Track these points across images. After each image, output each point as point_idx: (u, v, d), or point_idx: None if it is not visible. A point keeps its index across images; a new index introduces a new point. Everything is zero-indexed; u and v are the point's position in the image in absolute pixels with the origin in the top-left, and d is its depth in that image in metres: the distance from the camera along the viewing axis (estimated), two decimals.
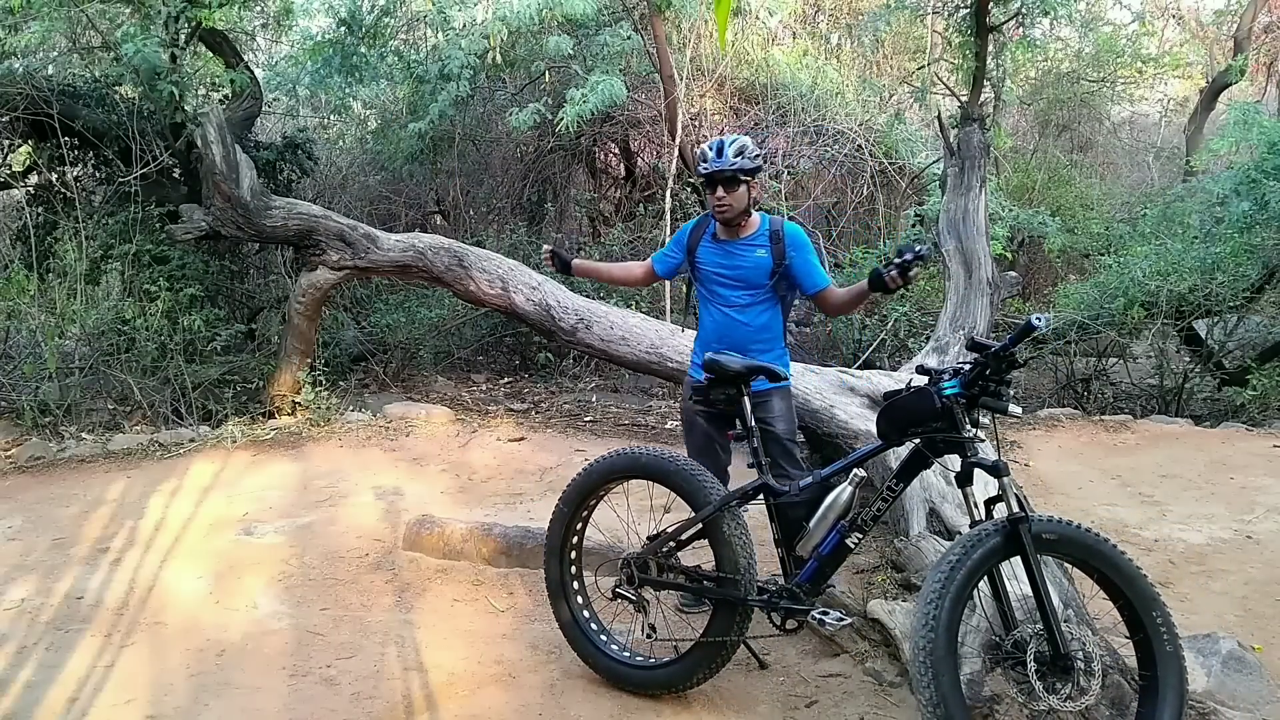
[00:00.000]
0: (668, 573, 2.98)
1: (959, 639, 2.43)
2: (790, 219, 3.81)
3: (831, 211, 9.82)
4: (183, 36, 6.59)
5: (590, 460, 3.16)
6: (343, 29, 7.97)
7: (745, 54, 9.62)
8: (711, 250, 3.30)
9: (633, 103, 8.81)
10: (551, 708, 2.91)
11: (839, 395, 4.69)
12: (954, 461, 2.60)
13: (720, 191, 3.16)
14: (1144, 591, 2.42)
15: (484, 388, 7.68)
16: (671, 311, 7.57)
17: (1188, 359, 7.04)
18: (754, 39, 9.93)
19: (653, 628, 2.96)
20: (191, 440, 5.62)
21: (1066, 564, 2.78)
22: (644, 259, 3.70)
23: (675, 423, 6.53)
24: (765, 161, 9.27)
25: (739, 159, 3.11)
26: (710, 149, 3.17)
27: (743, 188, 3.16)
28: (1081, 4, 9.78)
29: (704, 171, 3.17)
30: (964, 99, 7.09)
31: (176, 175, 7.19)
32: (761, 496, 2.85)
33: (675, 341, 5.07)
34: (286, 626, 3.43)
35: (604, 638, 3.07)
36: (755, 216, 3.27)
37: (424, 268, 5.94)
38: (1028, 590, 2.42)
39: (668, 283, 7.71)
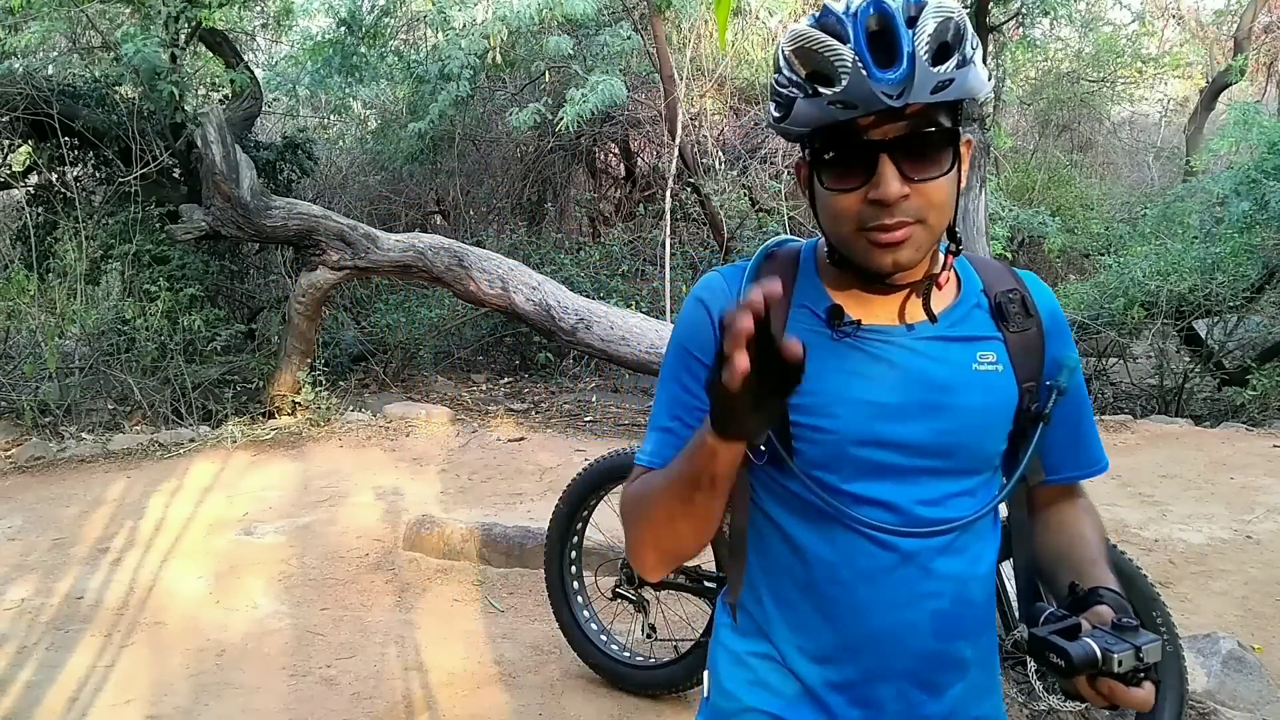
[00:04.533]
0: None
1: None
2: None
3: None
4: (183, 36, 6.60)
5: (590, 460, 3.16)
6: (343, 29, 7.97)
7: (745, 54, 9.62)
8: (837, 354, 1.03)
9: (633, 103, 8.81)
10: (551, 708, 2.92)
11: None
12: None
13: (890, 181, 0.92)
14: (1144, 591, 2.42)
15: (484, 388, 7.68)
16: (673, 313, 7.54)
17: (1188, 359, 7.04)
18: (754, 39, 9.92)
19: (653, 628, 2.96)
20: (191, 440, 5.62)
21: None
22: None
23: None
24: (764, 161, 9.32)
25: (945, 66, 0.90)
26: (841, 17, 0.91)
27: (952, 160, 0.96)
28: (1081, 4, 9.78)
29: (834, 101, 0.91)
30: None
31: (176, 175, 7.19)
32: None
33: None
34: (286, 626, 3.43)
35: (604, 638, 3.07)
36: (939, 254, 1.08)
37: (424, 268, 5.94)
38: None
39: (668, 281, 7.67)
